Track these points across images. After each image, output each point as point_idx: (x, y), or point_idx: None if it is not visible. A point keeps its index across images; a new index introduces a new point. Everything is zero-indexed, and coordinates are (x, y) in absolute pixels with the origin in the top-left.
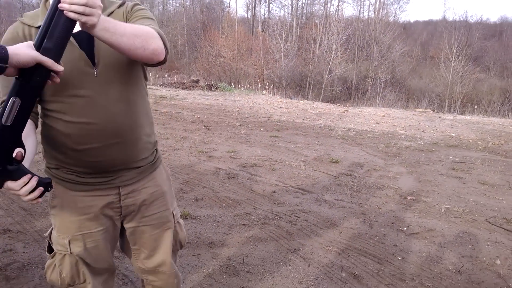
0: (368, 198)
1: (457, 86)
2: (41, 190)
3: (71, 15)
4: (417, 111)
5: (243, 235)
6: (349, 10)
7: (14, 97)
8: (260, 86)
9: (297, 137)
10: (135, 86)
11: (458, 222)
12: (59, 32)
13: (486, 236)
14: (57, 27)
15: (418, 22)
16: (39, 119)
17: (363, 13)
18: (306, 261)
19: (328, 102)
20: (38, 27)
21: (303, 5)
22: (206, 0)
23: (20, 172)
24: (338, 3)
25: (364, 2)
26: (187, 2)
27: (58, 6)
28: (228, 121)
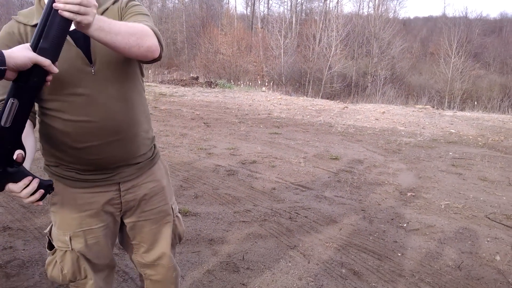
0: (368, 195)
1: (457, 82)
2: (42, 192)
3: (66, 15)
4: (417, 108)
5: (243, 232)
6: (348, 7)
7: (12, 98)
8: (259, 83)
9: (296, 133)
10: (132, 83)
11: (458, 218)
12: (55, 31)
13: (486, 232)
14: (52, 27)
15: (418, 18)
16: (37, 118)
17: (363, 9)
18: (306, 257)
19: (327, 98)
20: (34, 26)
21: (303, 1)
22: None
23: (21, 174)
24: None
25: None
26: None
27: (53, 6)
28: (227, 118)
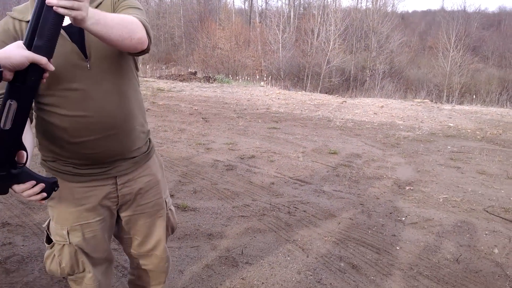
0: (366, 189)
1: (455, 76)
2: (43, 195)
3: (61, 11)
4: (415, 102)
5: (242, 227)
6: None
7: (11, 100)
8: (258, 77)
9: (295, 128)
10: (127, 77)
11: (456, 211)
12: (49, 28)
13: (484, 225)
14: (46, 24)
15: (416, 12)
16: (33, 113)
17: (361, 3)
18: (305, 251)
19: (326, 93)
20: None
21: None
22: None
23: (24, 175)
24: None
25: None
26: None
27: (46, 2)
28: (226, 113)
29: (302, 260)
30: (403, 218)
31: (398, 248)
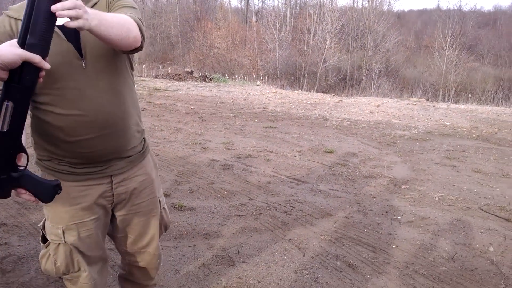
0: (362, 188)
1: (451, 75)
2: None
3: (73, 24)
4: (411, 101)
5: (238, 226)
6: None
7: (7, 101)
8: (254, 77)
9: (291, 127)
10: (122, 76)
11: (452, 210)
12: (41, 25)
13: (480, 223)
14: (38, 21)
15: (412, 11)
16: (29, 112)
17: (357, 2)
18: (301, 250)
19: (322, 92)
20: None
21: None
22: None
23: (26, 178)
24: None
25: None
26: None
27: (52, 9)
28: (222, 112)
29: (298, 259)
30: (399, 217)
31: (394, 246)
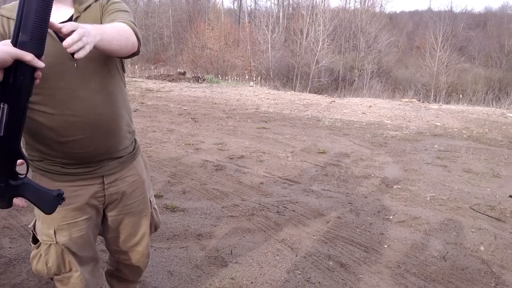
0: (354, 188)
1: (442, 76)
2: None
3: (82, 54)
4: (403, 101)
5: (231, 227)
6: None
7: (2, 103)
8: (247, 77)
9: (284, 128)
10: (114, 77)
11: (443, 209)
12: (33, 23)
13: (470, 223)
14: (29, 18)
15: (404, 13)
16: None
17: (349, 3)
18: (294, 250)
19: (315, 93)
20: None
21: None
22: None
23: (25, 186)
24: None
25: None
26: None
27: (68, 50)
28: (215, 113)
29: (291, 259)
30: (391, 217)
31: (386, 246)
